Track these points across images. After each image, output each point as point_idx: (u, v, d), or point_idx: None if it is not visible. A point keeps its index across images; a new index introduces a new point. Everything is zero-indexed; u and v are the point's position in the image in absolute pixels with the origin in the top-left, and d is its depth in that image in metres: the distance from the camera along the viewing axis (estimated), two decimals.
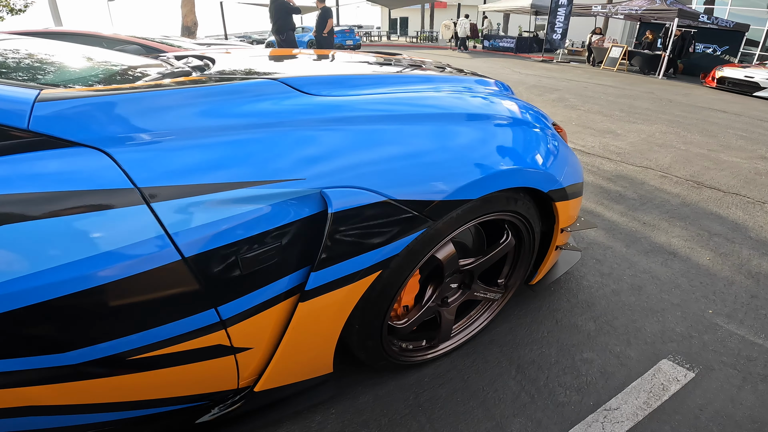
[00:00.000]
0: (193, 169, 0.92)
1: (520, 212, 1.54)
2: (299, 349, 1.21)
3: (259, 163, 0.99)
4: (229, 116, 1.02)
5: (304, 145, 1.05)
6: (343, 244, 1.09)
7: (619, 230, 2.90)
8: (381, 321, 1.35)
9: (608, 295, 2.21)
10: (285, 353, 1.18)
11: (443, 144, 1.25)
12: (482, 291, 1.73)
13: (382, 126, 1.17)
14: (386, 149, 1.15)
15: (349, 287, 1.17)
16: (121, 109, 0.92)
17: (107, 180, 0.84)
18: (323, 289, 1.12)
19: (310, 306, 1.12)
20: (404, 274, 1.29)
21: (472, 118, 1.38)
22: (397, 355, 1.58)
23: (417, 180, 1.17)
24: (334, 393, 1.47)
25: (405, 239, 1.19)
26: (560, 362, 1.78)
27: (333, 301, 1.16)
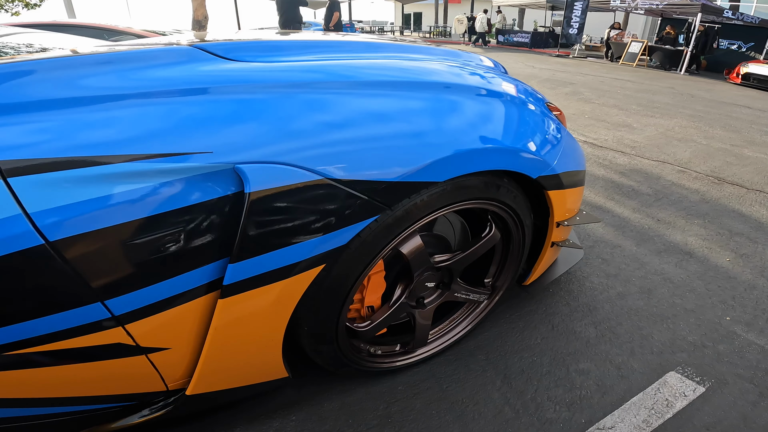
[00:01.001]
0: (63, 139, 0.75)
1: (505, 201, 1.33)
2: (232, 351, 1.05)
3: (150, 135, 0.81)
4: (122, 85, 0.85)
5: (210, 115, 0.87)
6: (268, 232, 0.91)
7: (629, 227, 2.67)
8: (334, 323, 1.17)
9: (613, 298, 1.99)
10: (214, 356, 1.02)
11: (395, 116, 1.06)
12: (465, 292, 1.53)
13: (316, 94, 0.99)
14: (320, 119, 0.96)
15: (285, 283, 0.98)
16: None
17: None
18: (248, 285, 0.94)
19: (234, 304, 0.94)
20: (358, 269, 1.10)
21: (433, 87, 1.18)
22: (363, 360, 1.40)
23: (362, 156, 0.98)
24: (294, 398, 1.37)
25: (351, 228, 1.00)
26: (552, 373, 1.57)
27: (265, 299, 0.98)
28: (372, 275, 1.24)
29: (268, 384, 1.25)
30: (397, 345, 1.53)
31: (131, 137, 0.80)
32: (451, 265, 1.39)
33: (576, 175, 1.60)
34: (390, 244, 1.13)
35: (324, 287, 1.08)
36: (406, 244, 1.20)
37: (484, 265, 1.61)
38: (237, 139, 0.87)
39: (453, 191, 1.18)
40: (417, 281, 1.36)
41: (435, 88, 1.17)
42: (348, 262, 1.07)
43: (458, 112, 1.17)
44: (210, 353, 1.01)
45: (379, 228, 1.07)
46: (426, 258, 1.29)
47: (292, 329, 1.16)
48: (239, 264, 0.90)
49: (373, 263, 1.13)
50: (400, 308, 1.35)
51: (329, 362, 1.29)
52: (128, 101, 0.82)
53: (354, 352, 1.35)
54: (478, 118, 1.21)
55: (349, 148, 0.97)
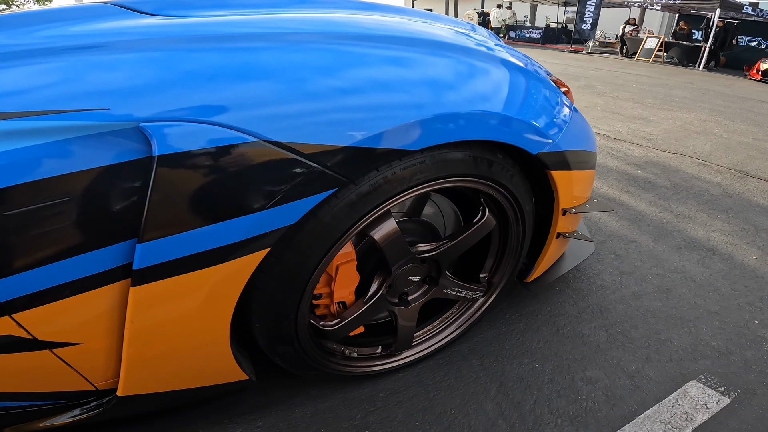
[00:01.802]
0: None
1: (500, 182, 1.14)
2: (163, 349, 0.88)
3: (27, 91, 0.66)
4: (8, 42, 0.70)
5: (109, 69, 0.71)
6: (184, 205, 0.73)
7: (646, 221, 2.45)
8: (292, 320, 0.98)
9: (627, 298, 1.78)
10: (139, 353, 0.87)
11: (351, 69, 0.88)
12: (456, 288, 1.33)
13: (249, 44, 0.81)
14: (253, 72, 0.79)
15: (218, 270, 0.80)
16: None
17: None
18: (166, 270, 0.76)
19: (152, 293, 0.77)
20: (316, 255, 0.92)
21: (400, 42, 0.98)
22: (336, 363, 1.22)
23: (310, 116, 0.80)
24: (262, 402, 1.25)
25: (301, 204, 0.82)
26: (555, 381, 1.37)
27: (193, 289, 0.80)
28: (341, 265, 1.06)
29: (224, 387, 1.08)
30: (378, 347, 1.35)
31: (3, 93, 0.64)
32: (438, 256, 1.19)
33: (585, 156, 1.40)
34: (355, 227, 0.94)
35: (274, 277, 0.90)
36: (378, 229, 1.01)
37: (479, 258, 1.41)
38: (142, 94, 0.70)
39: (434, 165, 0.99)
40: (397, 274, 1.17)
41: (401, 42, 0.98)
42: (302, 246, 0.88)
43: (435, 68, 0.98)
44: (133, 351, 0.84)
45: (340, 206, 0.89)
46: (404, 247, 1.10)
47: (242, 326, 0.99)
48: (150, 245, 0.73)
49: (336, 249, 0.94)
50: (377, 305, 1.17)
51: (292, 365, 1.11)
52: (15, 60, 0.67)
53: (323, 353, 1.16)
54: (461, 78, 1.01)
55: (293, 106, 0.78)
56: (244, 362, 1.09)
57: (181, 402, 1.10)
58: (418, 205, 1.26)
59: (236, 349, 1.06)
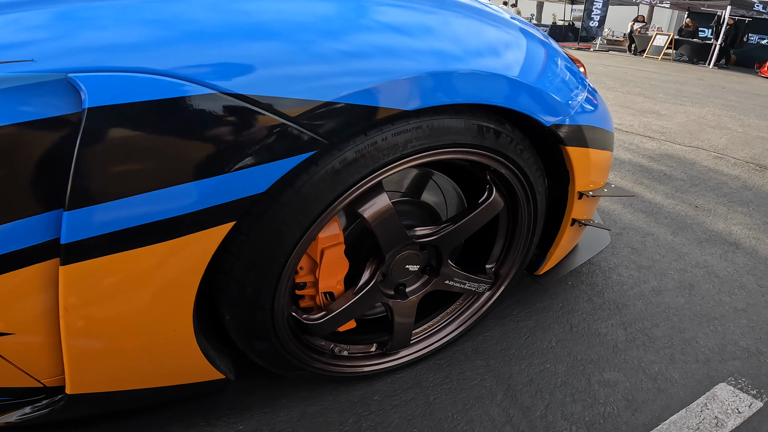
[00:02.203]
0: None
1: (508, 156, 1.00)
2: (112, 342, 0.74)
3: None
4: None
5: (36, 16, 0.59)
6: (123, 166, 0.60)
7: (663, 214, 2.30)
8: (268, 311, 0.85)
9: (647, 294, 1.64)
10: (82, 347, 0.73)
11: (328, 5, 0.74)
12: (460, 280, 1.19)
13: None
14: (202, 10, 0.65)
15: (169, 247, 0.67)
16: None
17: None
18: (103, 246, 0.63)
19: (87, 274, 0.64)
20: (293, 233, 0.78)
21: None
22: (323, 362, 1.08)
23: (278, 63, 0.67)
24: (245, 404, 1.13)
25: (270, 169, 0.69)
26: (569, 384, 1.23)
27: (140, 270, 0.67)
28: (326, 249, 0.92)
29: (197, 387, 0.96)
30: (373, 345, 1.21)
31: None
32: (438, 241, 1.05)
33: (603, 135, 1.26)
34: (340, 201, 0.81)
35: (244, 258, 0.76)
36: (368, 205, 0.87)
37: (486, 246, 1.27)
38: (70, 42, 0.57)
39: (432, 132, 0.85)
40: (392, 262, 1.03)
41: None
42: (276, 222, 0.75)
43: (435, 19, 0.84)
44: (75, 344, 0.71)
45: (321, 174, 0.75)
46: (399, 229, 0.96)
47: (211, 317, 0.85)
48: (79, 214, 0.59)
49: (318, 226, 0.81)
50: (369, 297, 1.03)
51: (271, 363, 0.98)
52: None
53: (308, 351, 1.03)
54: (466, 33, 0.88)
55: (258, 52, 0.65)
56: (219, 359, 0.96)
57: (147, 402, 0.98)
58: (417, 186, 1.12)
59: (208, 344, 0.93)
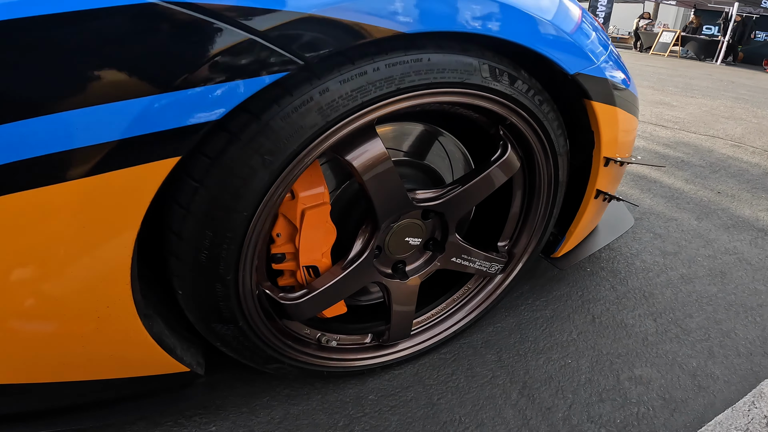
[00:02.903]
0: None
1: (525, 105, 0.83)
2: (20, 321, 0.57)
3: None
4: None
5: None
6: (12, 75, 0.43)
7: (684, 199, 2.13)
8: (231, 286, 0.68)
9: (675, 282, 1.46)
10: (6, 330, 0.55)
11: None
12: (468, 257, 1.02)
13: None
14: None
15: (85, 187, 0.50)
16: None
17: None
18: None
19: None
20: (260, 180, 0.61)
21: None
22: (307, 355, 0.91)
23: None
24: (220, 402, 0.98)
25: (225, 92, 0.52)
26: (595, 382, 1.07)
27: (47, 218, 0.50)
28: (308, 210, 0.75)
29: (151, 381, 0.79)
30: (367, 336, 1.05)
31: None
32: (444, 206, 0.88)
33: (630, 97, 1.11)
34: (320, 141, 0.64)
35: (194, 211, 0.60)
36: (358, 152, 0.70)
37: (498, 221, 1.10)
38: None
39: (434, 66, 0.69)
40: (390, 232, 0.87)
41: None
42: (237, 163, 0.58)
43: None
44: None
45: (296, 105, 0.59)
46: (397, 186, 0.79)
47: (162, 293, 0.69)
48: None
49: (293, 173, 0.64)
50: (360, 273, 0.86)
51: (241, 353, 0.81)
52: None
53: (288, 340, 0.86)
54: None
55: None
56: (182, 349, 0.79)
57: (94, 398, 0.81)
58: (420, 147, 0.95)
59: (169, 330, 0.76)
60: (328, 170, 0.86)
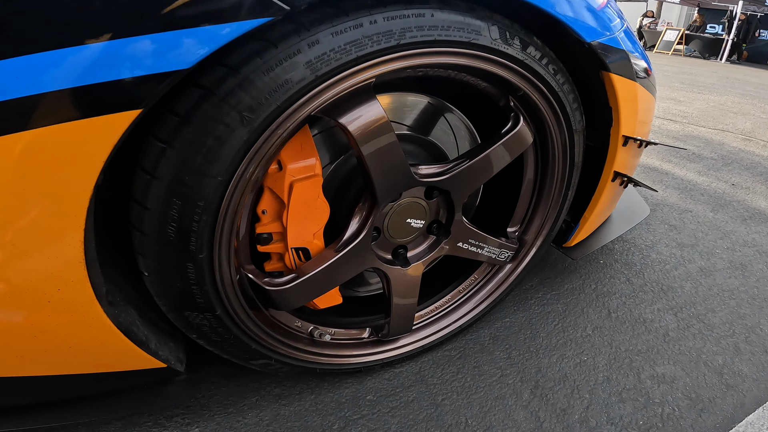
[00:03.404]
0: None
1: (538, 73, 0.75)
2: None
3: None
4: None
5: None
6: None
7: (698, 191, 2.04)
8: (203, 264, 0.59)
9: (694, 275, 1.37)
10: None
11: None
12: (475, 241, 0.94)
13: None
14: None
15: (20, 143, 0.41)
16: None
17: None
18: None
19: None
20: (236, 139, 0.52)
21: None
22: (297, 349, 0.82)
23: None
24: (204, 402, 0.91)
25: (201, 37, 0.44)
26: (614, 381, 0.98)
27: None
28: (297, 183, 0.66)
29: (121, 378, 0.70)
30: (365, 330, 0.96)
31: None
32: (449, 183, 0.79)
33: (648, 76, 1.03)
34: (309, 98, 0.55)
35: (161, 176, 0.51)
36: (353, 114, 0.61)
37: (508, 206, 1.01)
38: None
39: (439, 23, 0.61)
40: (390, 212, 0.78)
41: None
42: (210, 122, 0.50)
43: None
44: None
45: (281, 58, 0.50)
46: (398, 157, 0.70)
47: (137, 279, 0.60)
48: None
49: (276, 138, 0.55)
50: (356, 257, 0.77)
51: (221, 347, 0.73)
52: None
53: (275, 332, 0.77)
54: None
55: None
56: (157, 342, 0.71)
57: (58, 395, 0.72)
58: (424, 122, 0.87)
59: (140, 320, 0.68)
60: (323, 143, 0.77)
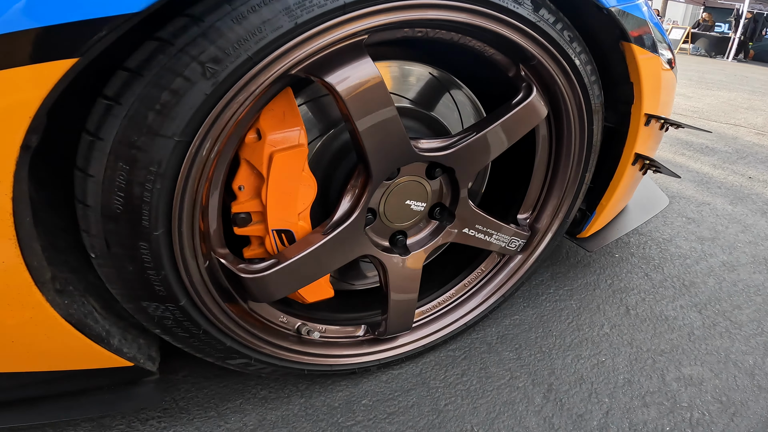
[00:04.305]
0: None
1: (552, 38, 0.66)
2: None
3: None
4: None
5: None
6: None
7: (715, 183, 1.95)
8: (161, 245, 0.50)
9: (717, 270, 1.28)
10: None
11: None
12: (483, 227, 0.84)
13: None
14: None
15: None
16: None
17: None
18: None
19: None
20: (196, 94, 0.43)
21: None
22: (283, 348, 0.73)
23: None
24: (184, 405, 0.84)
25: None
26: (636, 383, 0.89)
27: None
28: (277, 154, 0.57)
29: (81, 377, 0.62)
30: (360, 327, 0.87)
31: None
32: (453, 159, 0.70)
33: (672, 68, 0.94)
34: (288, 51, 0.46)
35: (105, 137, 0.42)
36: (341, 72, 0.52)
37: (518, 188, 0.92)
38: None
39: None
40: (387, 192, 0.69)
41: None
42: (167, 72, 0.41)
43: None
44: None
45: (252, 3, 0.42)
46: (395, 125, 0.60)
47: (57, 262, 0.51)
48: None
49: (251, 94, 0.46)
50: (347, 242, 0.68)
51: (191, 345, 0.64)
52: None
53: (256, 328, 0.68)
54: None
55: None
56: (122, 338, 0.62)
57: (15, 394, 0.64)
58: (426, 96, 0.78)
59: (100, 313, 0.59)
60: (313, 113, 0.68)
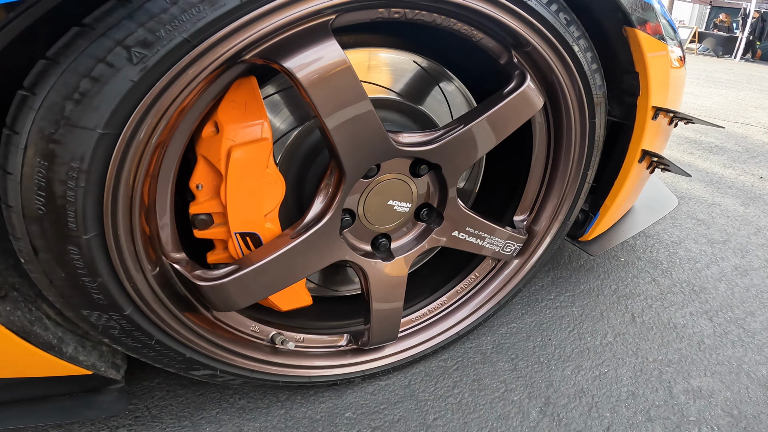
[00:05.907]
0: None
1: (548, 21, 0.60)
2: None
3: None
4: None
5: None
6: None
7: (725, 183, 1.88)
8: (98, 253, 0.44)
9: (729, 274, 1.21)
10: None
11: None
12: (475, 231, 0.78)
13: None
14: None
15: None
16: None
17: None
18: None
19: None
20: (121, 84, 0.38)
21: None
22: (252, 359, 0.67)
23: None
24: (157, 414, 0.79)
25: None
26: (641, 396, 0.83)
27: None
28: (236, 149, 0.51)
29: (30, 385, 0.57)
30: (343, 337, 0.80)
31: None
32: (439, 155, 0.64)
33: (680, 66, 0.88)
34: (233, 33, 0.40)
35: (20, 130, 0.37)
36: (301, 55, 0.46)
37: (513, 188, 0.86)
38: None
39: None
40: (365, 187, 0.63)
41: None
42: (86, 59, 0.36)
43: None
44: None
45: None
46: (369, 117, 0.54)
47: None
48: None
49: (190, 81, 0.40)
50: (320, 246, 0.62)
51: (146, 355, 0.57)
52: None
53: (220, 340, 0.62)
54: None
55: None
56: (78, 346, 0.56)
57: None
58: (413, 89, 0.71)
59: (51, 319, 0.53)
60: (283, 105, 0.62)
